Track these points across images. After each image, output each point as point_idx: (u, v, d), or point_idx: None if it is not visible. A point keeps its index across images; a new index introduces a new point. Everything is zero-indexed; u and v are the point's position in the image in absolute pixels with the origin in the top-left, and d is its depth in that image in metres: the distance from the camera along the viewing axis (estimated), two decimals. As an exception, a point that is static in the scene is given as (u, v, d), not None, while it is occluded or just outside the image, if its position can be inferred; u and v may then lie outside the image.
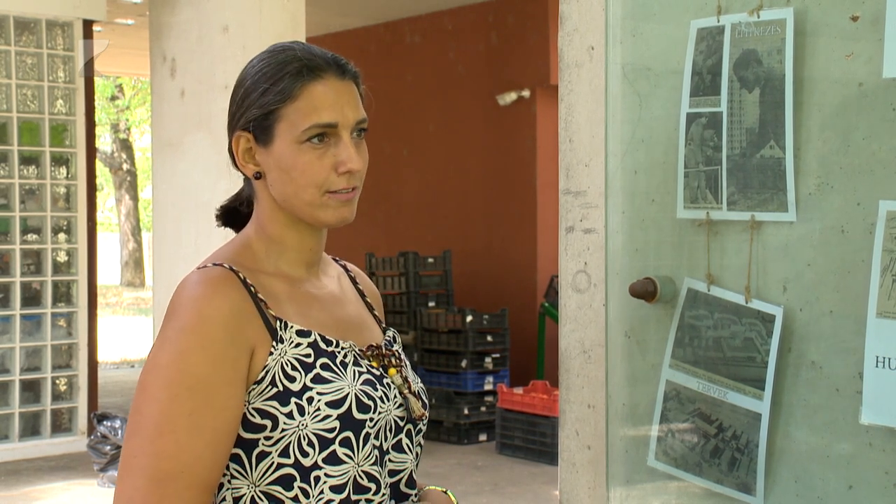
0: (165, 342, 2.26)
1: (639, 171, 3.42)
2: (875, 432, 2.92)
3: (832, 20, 3.01)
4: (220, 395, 2.23)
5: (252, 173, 2.42)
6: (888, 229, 2.87)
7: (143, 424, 2.23)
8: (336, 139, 2.36)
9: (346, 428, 2.31)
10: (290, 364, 2.31)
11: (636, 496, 3.47)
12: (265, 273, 2.39)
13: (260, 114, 2.37)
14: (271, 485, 2.30)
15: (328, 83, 2.37)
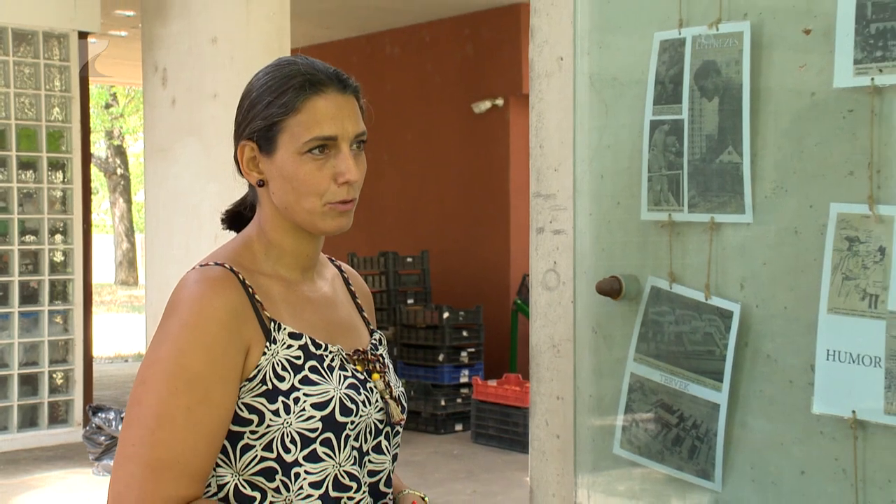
0: (166, 337, 2.25)
1: (605, 175, 3.43)
2: (826, 421, 2.93)
3: (786, 33, 3.02)
4: (217, 391, 2.23)
5: (255, 181, 2.41)
6: (839, 230, 2.88)
7: (141, 415, 2.22)
8: (336, 151, 2.36)
9: (327, 429, 2.31)
10: (280, 364, 2.31)
11: (602, 482, 3.48)
12: (263, 274, 2.39)
13: (264, 125, 2.37)
14: (254, 475, 2.30)
15: (329, 97, 2.37)
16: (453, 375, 12.51)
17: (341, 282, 2.64)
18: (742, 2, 3.10)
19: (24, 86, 11.59)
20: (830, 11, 2.88)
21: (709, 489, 3.19)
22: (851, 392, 2.87)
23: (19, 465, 11.00)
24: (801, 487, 3.01)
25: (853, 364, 2.86)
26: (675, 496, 3.30)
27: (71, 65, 11.79)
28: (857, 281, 2.85)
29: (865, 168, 2.85)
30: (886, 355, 2.80)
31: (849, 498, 2.90)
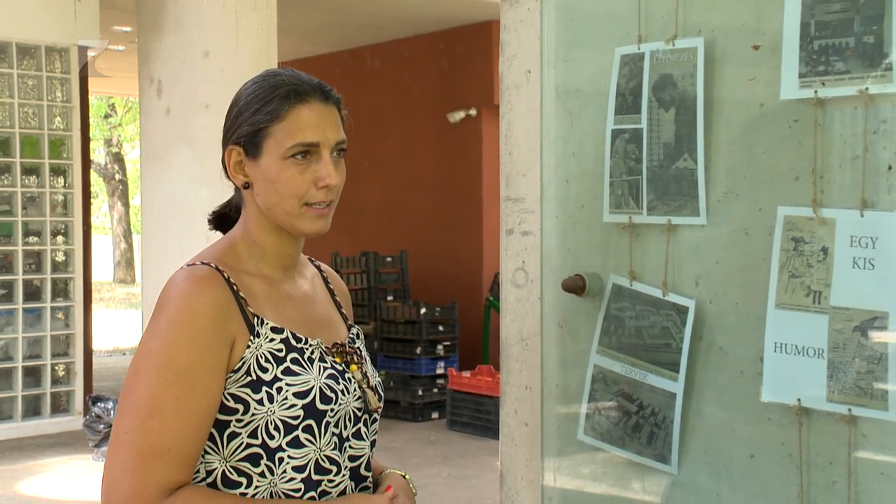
0: (156, 332, 2.25)
1: (570, 180, 3.44)
2: (773, 409, 2.95)
3: (737, 49, 3.03)
4: (204, 381, 2.23)
5: (241, 183, 2.41)
6: (785, 232, 2.90)
7: (133, 405, 2.22)
8: (317, 157, 2.36)
9: (309, 416, 2.31)
10: (264, 357, 2.31)
11: (567, 466, 3.49)
12: (246, 273, 2.39)
13: (250, 130, 2.37)
14: (240, 461, 2.30)
15: (313, 107, 2.37)
16: (430, 367, 12.52)
17: (321, 281, 2.64)
18: (696, 19, 3.11)
19: (27, 96, 11.58)
20: (777, 29, 2.89)
21: (666, 472, 3.20)
22: (797, 381, 2.88)
23: (24, 451, 10.98)
24: (751, 470, 3.02)
25: (798, 355, 2.87)
26: (635, 479, 3.30)
27: (71, 77, 11.78)
28: (802, 278, 2.87)
29: (810, 174, 2.86)
30: (829, 347, 2.82)
31: (794, 479, 2.92)
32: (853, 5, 2.76)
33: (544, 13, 3.48)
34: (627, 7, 3.25)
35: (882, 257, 2.73)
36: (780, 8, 2.89)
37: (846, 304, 2.79)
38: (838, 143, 2.82)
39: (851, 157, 2.79)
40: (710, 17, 3.09)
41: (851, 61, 2.76)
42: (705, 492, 3.13)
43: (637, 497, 3.31)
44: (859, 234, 2.77)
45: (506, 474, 3.63)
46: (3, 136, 11.47)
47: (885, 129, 2.74)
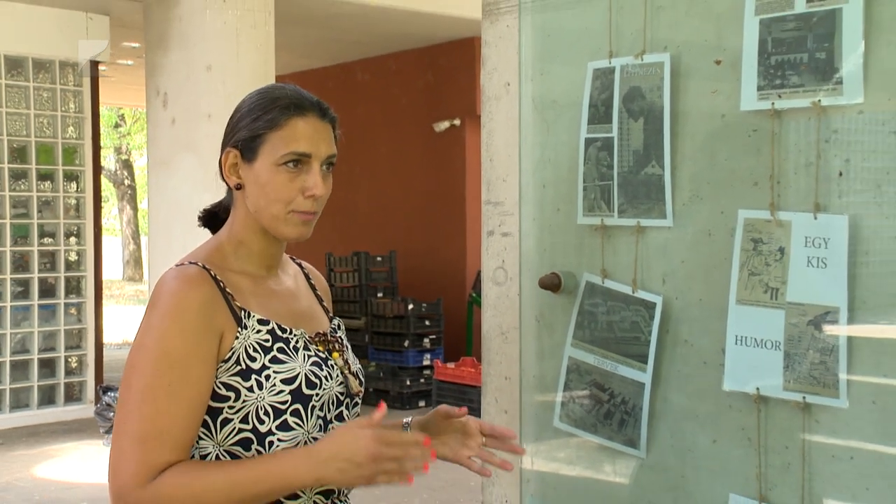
0: (149, 327, 2.26)
1: (546, 185, 3.44)
2: (734, 396, 2.95)
3: (700, 64, 3.04)
4: (195, 371, 2.23)
5: (234, 184, 2.41)
6: (745, 233, 2.90)
7: (131, 395, 2.23)
8: (308, 168, 2.36)
9: (296, 401, 2.31)
10: (252, 347, 2.31)
11: (544, 451, 3.49)
12: (232, 271, 2.39)
13: (249, 135, 2.37)
14: (233, 446, 2.29)
15: (309, 121, 2.37)
16: (417, 359, 12.54)
17: (303, 277, 2.64)
18: (663, 36, 3.11)
19: (42, 107, 11.60)
20: (737, 46, 2.90)
21: (635, 456, 3.20)
22: (755, 372, 2.89)
23: (39, 437, 10.98)
24: (713, 453, 3.03)
25: (757, 348, 2.88)
26: (607, 462, 3.30)
27: (84, 90, 11.82)
28: (760, 276, 2.87)
29: (767, 179, 2.86)
30: (785, 340, 2.82)
31: (753, 461, 2.92)
32: (806, 24, 2.77)
33: (522, 30, 3.48)
34: (599, 24, 3.25)
35: (834, 257, 2.74)
36: (739, 26, 2.90)
37: (801, 300, 2.80)
38: (793, 151, 2.82)
39: (805, 164, 2.80)
40: (675, 34, 3.09)
41: (805, 75, 2.77)
42: (671, 474, 3.14)
43: (609, 479, 3.31)
44: (813, 236, 2.78)
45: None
46: (20, 145, 11.50)
47: (836, 139, 2.75)
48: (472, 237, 13.15)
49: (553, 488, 3.48)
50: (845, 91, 2.71)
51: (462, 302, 13.26)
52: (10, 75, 11.42)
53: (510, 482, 3.55)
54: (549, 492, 3.48)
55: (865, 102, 2.70)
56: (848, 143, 2.74)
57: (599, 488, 3.34)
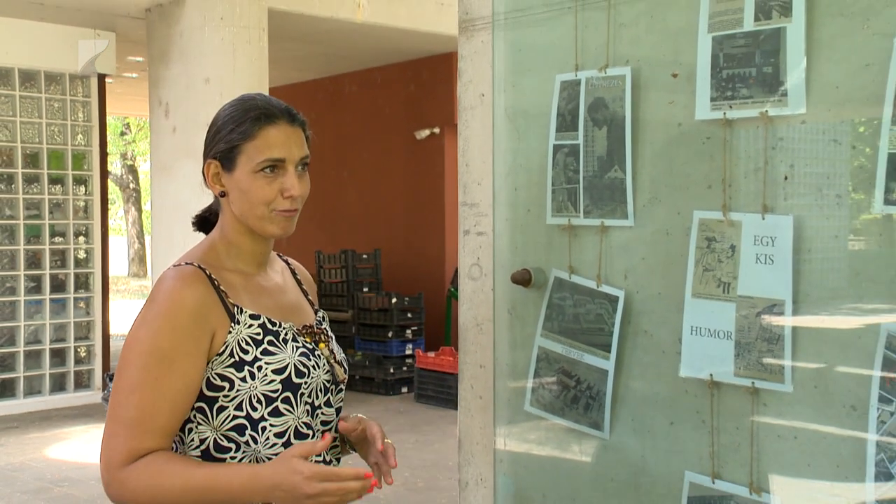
0: (144, 321, 2.27)
1: (518, 188, 3.44)
2: (690, 382, 2.96)
3: (659, 76, 3.04)
4: (182, 365, 2.23)
5: (218, 192, 2.41)
6: (700, 232, 2.91)
7: (122, 385, 2.24)
8: (284, 171, 2.36)
9: (286, 389, 2.31)
10: (244, 340, 2.31)
11: (516, 433, 3.49)
12: (225, 269, 2.39)
13: (226, 147, 2.37)
14: (229, 431, 2.30)
15: (280, 127, 2.37)
16: (400, 348, 12.54)
17: (289, 273, 2.64)
18: (624, 51, 3.12)
19: (53, 117, 11.61)
20: (692, 60, 2.90)
21: (599, 437, 3.20)
22: (709, 359, 2.89)
23: (51, 421, 10.98)
24: (671, 434, 3.03)
25: (711, 337, 2.89)
26: (574, 443, 3.31)
27: (91, 100, 11.83)
28: (714, 272, 2.88)
29: (720, 183, 2.87)
30: (736, 330, 2.83)
31: (706, 441, 2.93)
32: (754, 41, 2.78)
33: (495, 45, 3.48)
34: (566, 40, 3.25)
35: (780, 254, 2.75)
36: (694, 43, 2.90)
37: (750, 294, 2.81)
38: (743, 157, 2.83)
39: (754, 168, 2.81)
40: (636, 49, 3.10)
41: (753, 88, 2.78)
42: (632, 454, 3.14)
43: (575, 458, 3.31)
44: (761, 234, 2.78)
45: (463, 440, 3.63)
46: (33, 151, 11.50)
47: (781, 146, 2.76)
48: (450, 236, 13.15)
49: (524, 467, 3.48)
50: (790, 102, 2.72)
51: (441, 296, 13.26)
52: (24, 87, 11.42)
53: (485, 462, 3.55)
54: (521, 470, 3.48)
55: (808, 113, 2.71)
56: (792, 150, 2.75)
57: (566, 467, 3.34)
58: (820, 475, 2.73)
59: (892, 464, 2.57)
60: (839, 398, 2.67)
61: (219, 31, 9.89)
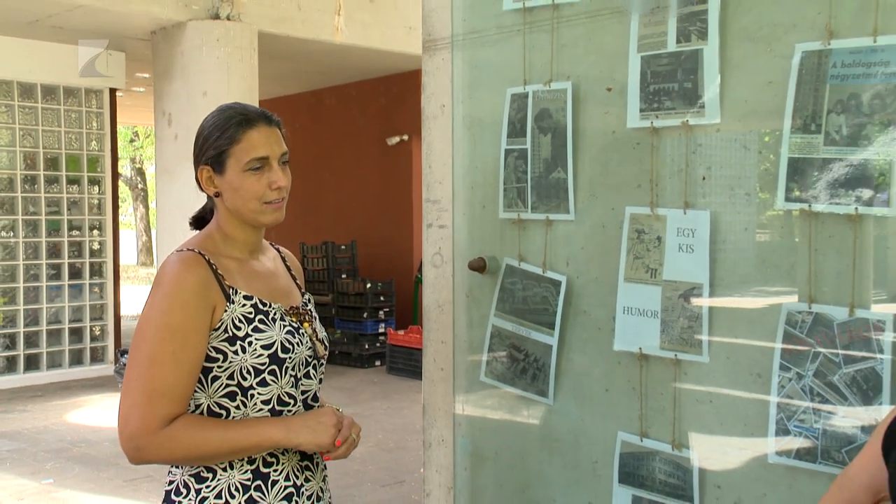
0: (154, 302, 2.24)
1: (474, 187, 3.43)
2: (622, 355, 2.97)
3: (595, 90, 3.04)
4: (192, 338, 2.21)
5: (212, 193, 2.39)
6: (631, 225, 2.92)
7: (140, 358, 2.21)
8: (268, 167, 2.34)
9: (273, 363, 2.30)
10: (238, 318, 2.29)
11: (473, 400, 3.49)
12: (222, 256, 2.37)
13: (215, 153, 2.34)
14: (221, 398, 2.28)
15: (260, 130, 2.35)
16: (374, 327, 12.53)
17: (280, 260, 2.62)
18: (566, 69, 3.12)
19: (70, 126, 11.59)
20: (624, 77, 2.91)
21: (544, 403, 3.21)
22: (639, 335, 2.90)
23: (70, 390, 10.96)
24: (606, 400, 3.04)
25: (640, 316, 2.90)
26: (523, 408, 3.31)
27: (104, 111, 11.84)
28: (643, 259, 2.89)
29: (648, 183, 2.88)
30: (661, 310, 2.84)
31: (636, 405, 2.94)
32: (677, 61, 2.78)
33: (454, 63, 3.47)
34: (515, 59, 3.25)
35: (699, 244, 2.76)
36: (625, 61, 2.91)
37: (674, 278, 2.82)
38: (668, 160, 2.84)
39: (677, 170, 2.82)
40: (576, 67, 3.10)
41: (676, 101, 2.79)
42: (573, 417, 3.15)
43: (524, 421, 3.32)
44: (683, 227, 2.79)
45: (427, 406, 3.63)
46: (53, 156, 11.47)
47: (700, 150, 2.77)
48: (418, 229, 13.15)
49: (479, 430, 3.48)
50: (707, 113, 2.73)
51: (410, 281, 13.26)
52: (45, 100, 11.37)
53: (446, 425, 3.55)
54: (476, 432, 3.48)
55: (722, 122, 2.72)
56: (709, 154, 2.76)
57: (516, 429, 3.35)
58: (731, 432, 2.75)
59: (789, 421, 2.59)
60: (747, 367, 2.69)
61: (215, 51, 9.84)
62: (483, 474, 3.47)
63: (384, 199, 14.00)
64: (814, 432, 2.54)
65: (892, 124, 2.40)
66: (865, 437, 2.43)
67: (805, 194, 2.52)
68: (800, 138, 2.52)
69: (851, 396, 2.47)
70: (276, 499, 2.35)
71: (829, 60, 2.49)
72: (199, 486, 2.31)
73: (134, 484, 7.23)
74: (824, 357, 2.51)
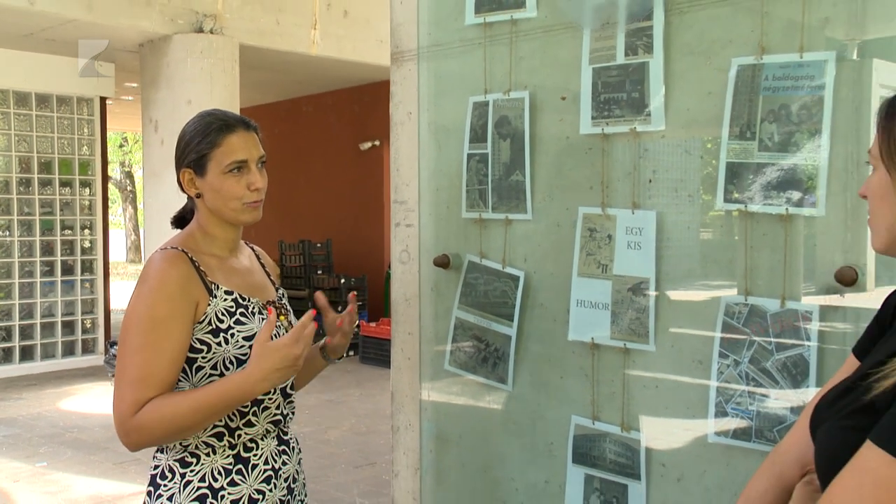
0: (140, 296, 2.22)
1: (439, 188, 3.43)
2: (576, 345, 2.97)
3: (550, 99, 3.05)
4: (176, 330, 2.20)
5: (194, 194, 2.38)
6: (584, 224, 2.93)
7: (127, 350, 2.19)
8: (247, 169, 2.33)
9: None
10: (221, 312, 2.28)
11: (438, 387, 3.49)
12: (203, 253, 2.36)
13: (197, 157, 2.33)
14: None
15: (239, 134, 2.34)
16: (348, 319, 12.51)
17: (255, 258, 2.61)
18: (523, 79, 3.12)
19: (63, 132, 11.54)
20: (577, 87, 2.91)
21: (504, 389, 3.21)
22: (591, 326, 2.91)
23: (63, 379, 10.89)
24: (561, 385, 3.05)
25: (592, 308, 2.91)
26: (484, 394, 3.31)
27: (95, 118, 11.80)
28: (595, 256, 2.90)
29: (599, 185, 2.89)
30: (612, 302, 2.85)
31: (588, 391, 2.95)
32: (625, 72, 2.80)
33: (420, 73, 3.47)
34: (477, 69, 3.25)
35: (645, 242, 2.77)
36: (578, 73, 2.92)
37: (623, 273, 2.83)
38: (618, 164, 2.85)
39: (626, 173, 2.83)
40: (532, 77, 3.10)
41: (625, 109, 2.80)
42: (531, 402, 3.16)
43: (485, 406, 3.32)
44: (631, 226, 2.81)
45: (395, 393, 3.63)
46: (47, 160, 11.41)
47: (647, 155, 2.78)
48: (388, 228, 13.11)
49: (444, 415, 3.48)
50: (652, 121, 2.74)
51: (381, 277, 13.24)
52: (39, 108, 11.32)
53: (412, 410, 3.55)
54: (441, 417, 3.49)
55: (666, 130, 2.73)
56: (655, 159, 2.77)
57: (478, 413, 3.35)
58: (675, 415, 2.77)
59: (727, 404, 2.61)
60: (690, 355, 2.71)
61: (199, 62, 9.79)
62: (447, 456, 3.47)
63: (357, 200, 13.98)
64: (749, 414, 2.56)
65: (818, 132, 2.43)
66: (795, 417, 2.46)
67: (742, 196, 2.54)
68: (737, 144, 2.54)
69: (782, 380, 2.50)
70: (257, 481, 2.34)
71: (762, 74, 2.51)
72: (184, 470, 2.30)
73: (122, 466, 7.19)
74: (759, 345, 2.54)
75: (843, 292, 2.41)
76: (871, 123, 2.36)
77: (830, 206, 2.43)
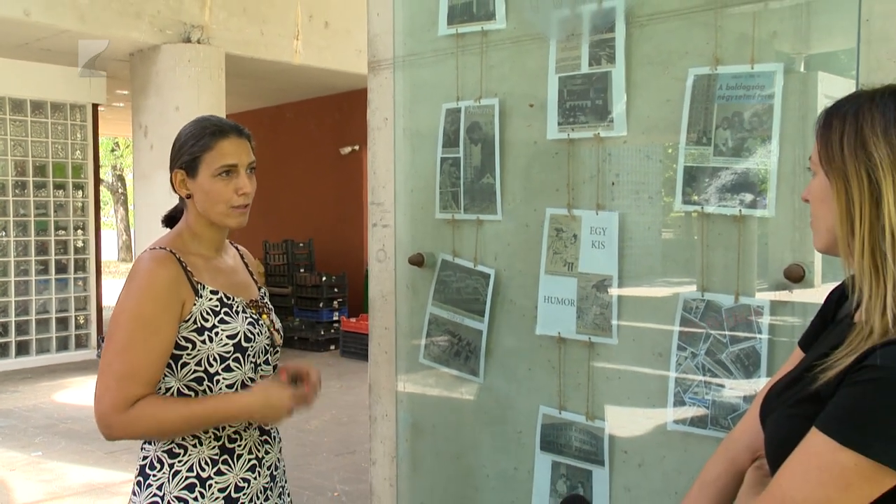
0: (129, 294, 2.20)
1: (414, 190, 3.43)
2: (543, 339, 2.98)
3: (519, 106, 3.05)
4: (162, 328, 2.17)
5: (185, 195, 2.36)
6: (551, 224, 2.93)
7: (113, 346, 2.17)
8: (237, 174, 2.31)
9: (237, 351, 2.27)
10: (206, 311, 2.26)
11: (413, 379, 3.49)
12: (190, 254, 2.33)
13: (189, 158, 2.31)
14: (189, 382, 2.25)
15: (231, 140, 2.32)
16: (329, 315, 12.48)
17: (239, 257, 2.60)
18: (493, 87, 3.12)
19: (57, 137, 11.47)
20: (544, 94, 2.92)
21: (476, 381, 3.22)
22: (558, 321, 2.92)
23: (57, 373, 10.81)
24: (529, 378, 3.06)
25: (559, 304, 2.91)
26: (458, 386, 3.31)
27: (87, 124, 11.76)
28: (561, 254, 2.91)
29: (566, 187, 2.90)
30: (577, 298, 2.86)
31: (555, 382, 2.96)
32: (589, 81, 2.80)
33: (396, 81, 3.47)
34: (449, 78, 3.25)
35: (609, 241, 2.78)
36: (545, 81, 2.92)
37: (588, 271, 2.84)
38: (583, 167, 2.86)
39: (590, 176, 2.84)
40: (502, 85, 3.11)
41: (589, 116, 2.81)
42: (501, 393, 3.16)
43: (458, 397, 3.32)
44: (596, 226, 2.82)
45: (373, 385, 3.63)
46: (41, 164, 11.35)
47: (610, 159, 2.79)
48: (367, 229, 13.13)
49: (419, 405, 3.48)
50: (615, 127, 2.76)
51: (361, 275, 13.21)
52: (34, 114, 11.23)
53: (389, 401, 3.55)
54: (416, 408, 3.49)
55: (628, 135, 2.75)
56: (618, 163, 2.78)
57: (451, 404, 3.35)
58: (636, 404, 2.78)
59: (685, 394, 2.62)
60: (650, 347, 2.72)
61: (187, 70, 9.74)
62: (422, 444, 3.47)
63: (338, 202, 13.95)
64: (705, 403, 2.58)
65: (768, 139, 2.45)
66: (747, 405, 2.47)
67: (699, 198, 2.55)
68: (694, 149, 2.56)
69: (736, 371, 2.51)
70: (242, 470, 2.33)
71: (717, 83, 2.53)
72: (172, 460, 2.28)
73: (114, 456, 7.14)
74: (714, 338, 2.55)
75: (792, 288, 2.42)
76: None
77: (780, 208, 2.44)
